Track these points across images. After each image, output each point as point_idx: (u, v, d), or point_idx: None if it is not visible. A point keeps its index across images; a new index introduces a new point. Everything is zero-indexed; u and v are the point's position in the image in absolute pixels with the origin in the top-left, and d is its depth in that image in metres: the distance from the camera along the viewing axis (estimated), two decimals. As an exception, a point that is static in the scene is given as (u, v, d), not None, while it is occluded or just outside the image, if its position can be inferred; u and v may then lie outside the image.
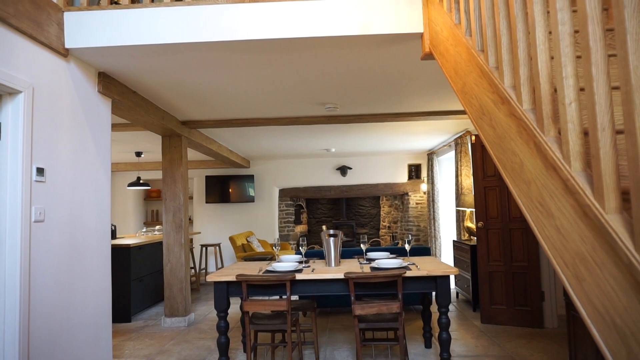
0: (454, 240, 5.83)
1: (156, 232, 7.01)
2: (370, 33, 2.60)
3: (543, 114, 1.25)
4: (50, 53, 2.60)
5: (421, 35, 2.61)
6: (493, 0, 1.63)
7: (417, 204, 8.89)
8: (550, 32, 1.30)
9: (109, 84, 3.22)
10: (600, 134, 0.99)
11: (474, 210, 5.00)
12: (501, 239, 4.51)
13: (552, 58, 1.33)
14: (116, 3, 3.02)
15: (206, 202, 8.96)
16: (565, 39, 1.15)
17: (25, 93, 2.35)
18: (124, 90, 3.46)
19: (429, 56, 2.55)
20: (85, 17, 2.70)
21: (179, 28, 2.66)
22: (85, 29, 2.69)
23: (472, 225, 5.58)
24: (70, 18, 2.70)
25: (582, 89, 1.42)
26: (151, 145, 6.59)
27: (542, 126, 1.26)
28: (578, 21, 1.06)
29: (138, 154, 7.29)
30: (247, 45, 2.73)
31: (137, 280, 5.33)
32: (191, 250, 7.20)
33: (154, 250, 5.87)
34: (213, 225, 9.02)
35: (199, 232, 8.65)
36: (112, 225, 5.56)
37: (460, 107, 4.73)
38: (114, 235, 5.88)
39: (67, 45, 2.69)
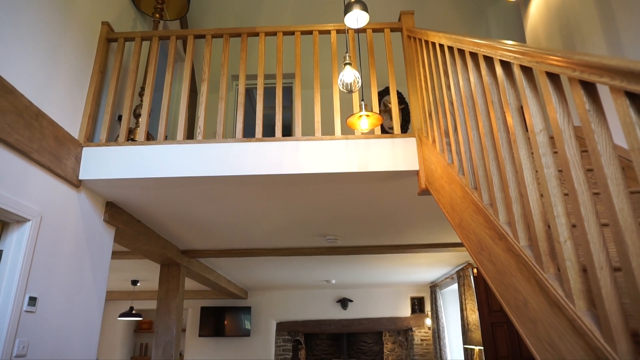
0: (464, 384, 5.37)
1: (142, 370, 6.51)
2: (368, 170, 2.75)
3: (540, 251, 1.27)
4: (63, 184, 2.72)
5: (417, 172, 2.76)
6: (481, 144, 1.76)
7: (422, 340, 8.39)
8: (536, 171, 1.39)
9: (115, 213, 3.31)
10: (599, 273, 0.99)
11: (482, 348, 4.71)
12: (515, 382, 4.16)
13: (541, 195, 1.39)
14: (133, 140, 3.26)
15: (199, 336, 8.48)
16: (552, 180, 1.22)
17: (32, 222, 2.40)
18: (128, 219, 3.53)
19: (425, 192, 2.66)
20: (101, 152, 2.88)
21: (189, 163, 2.82)
22: (100, 162, 2.86)
23: (483, 366, 5.19)
24: (88, 153, 2.88)
25: (574, 225, 1.46)
26: (148, 274, 6.49)
27: (541, 263, 1.26)
28: (561, 162, 1.14)
29: (134, 283, 7.14)
30: (253, 179, 2.87)
31: None
32: (178, 391, 6.59)
33: (137, 390, 5.39)
34: (204, 362, 8.40)
35: (189, 370, 8.03)
36: (96, 360, 5.19)
37: (460, 240, 4.77)
38: (96, 372, 5.46)
39: (80, 177, 2.83)
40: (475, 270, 4.75)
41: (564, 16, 3.35)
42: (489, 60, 1.67)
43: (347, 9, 2.45)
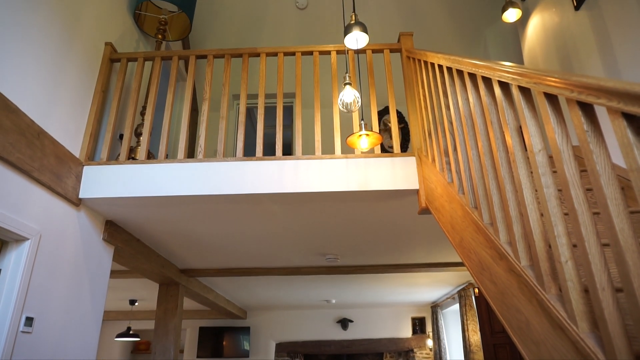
0: (466, 407, 5.26)
1: (139, 392, 6.39)
2: (368, 189, 2.75)
3: (541, 271, 1.26)
4: (63, 202, 2.72)
5: (417, 191, 2.76)
6: (481, 163, 1.76)
7: (423, 362, 8.25)
8: (536, 190, 1.39)
9: (115, 231, 3.29)
10: (601, 294, 0.98)
11: (485, 370, 4.64)
12: (519, 405, 4.08)
13: (542, 215, 1.39)
14: (134, 158, 3.27)
15: (197, 357, 8.34)
16: (552, 200, 1.22)
17: (32, 240, 2.39)
18: (128, 238, 3.52)
19: (425, 211, 2.65)
20: (102, 170, 2.89)
21: (189, 182, 2.82)
22: (100, 181, 2.86)
23: (485, 389, 5.10)
24: (89, 171, 2.89)
25: (575, 245, 1.45)
26: (147, 293, 6.42)
27: (542, 283, 1.25)
28: (560, 182, 1.14)
29: (132, 302, 7.06)
30: (253, 198, 2.86)
31: None
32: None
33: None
34: (202, 384, 8.25)
35: (186, 392, 7.88)
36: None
37: (460, 260, 4.74)
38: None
39: (81, 196, 2.83)
40: (476, 290, 4.71)
41: (561, 38, 3.40)
42: (487, 81, 1.69)
43: (347, 30, 2.49)
